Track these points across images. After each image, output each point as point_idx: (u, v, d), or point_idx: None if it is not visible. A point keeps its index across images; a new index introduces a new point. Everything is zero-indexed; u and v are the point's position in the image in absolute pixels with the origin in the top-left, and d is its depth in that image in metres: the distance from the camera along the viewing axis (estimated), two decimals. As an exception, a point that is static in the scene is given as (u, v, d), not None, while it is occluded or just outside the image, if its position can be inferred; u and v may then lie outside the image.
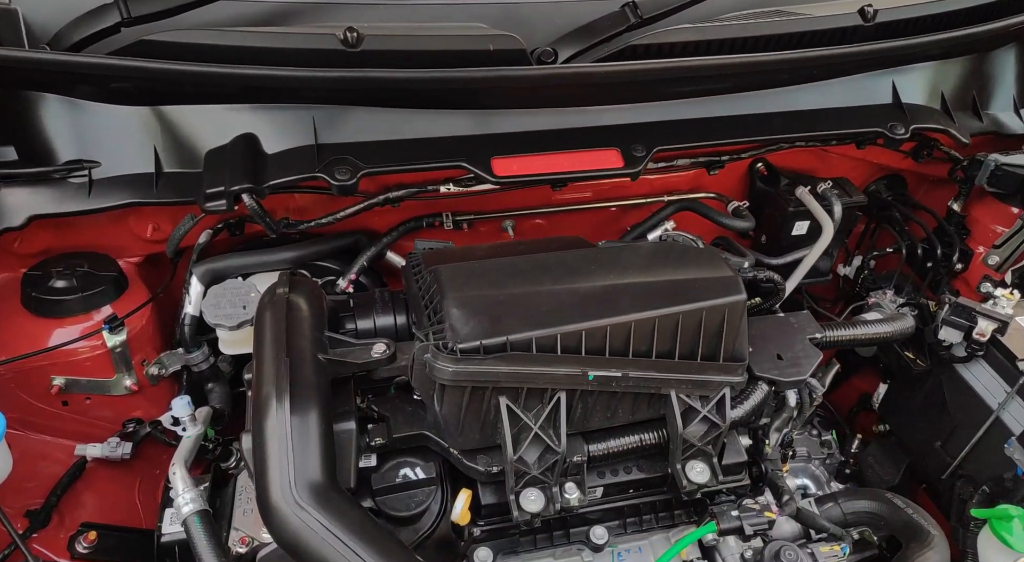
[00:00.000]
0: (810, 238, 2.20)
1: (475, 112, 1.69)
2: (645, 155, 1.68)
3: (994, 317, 1.69)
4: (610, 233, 2.25)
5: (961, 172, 2.14)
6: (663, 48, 1.65)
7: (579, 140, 1.71)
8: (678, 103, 1.79)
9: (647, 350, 1.31)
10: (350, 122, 1.62)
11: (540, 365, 1.23)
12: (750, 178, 2.28)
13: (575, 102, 1.75)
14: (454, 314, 1.24)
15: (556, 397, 1.27)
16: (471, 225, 2.05)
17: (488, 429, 1.29)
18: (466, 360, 1.20)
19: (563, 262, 1.39)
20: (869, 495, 1.58)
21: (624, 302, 1.30)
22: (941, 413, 1.87)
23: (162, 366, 1.73)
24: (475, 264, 1.38)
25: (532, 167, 1.64)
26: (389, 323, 1.49)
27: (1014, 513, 1.41)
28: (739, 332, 1.35)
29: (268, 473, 1.08)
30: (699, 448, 1.35)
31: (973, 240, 2.22)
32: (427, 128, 1.66)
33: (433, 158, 1.61)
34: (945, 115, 2.00)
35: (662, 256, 1.43)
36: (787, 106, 1.84)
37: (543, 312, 1.27)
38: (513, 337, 1.23)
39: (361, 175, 1.54)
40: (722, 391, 1.35)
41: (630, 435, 1.38)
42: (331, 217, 1.72)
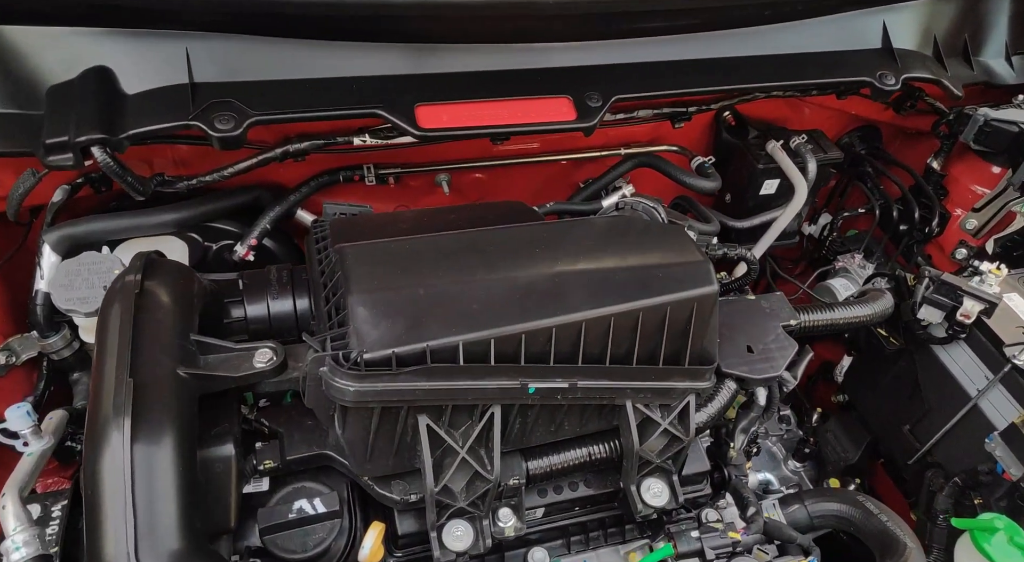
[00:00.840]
0: (779, 198, 1.99)
1: (396, 47, 1.38)
2: (601, 105, 1.41)
3: (982, 298, 1.52)
4: (561, 189, 1.99)
5: (946, 127, 1.94)
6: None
7: (523, 85, 1.42)
8: (641, 42, 1.50)
9: (600, 354, 1.07)
10: (236, 56, 1.29)
11: (469, 378, 0.99)
12: (715, 128, 2.03)
13: (519, 38, 1.45)
14: (360, 314, 0.97)
15: (489, 414, 1.04)
16: (398, 179, 1.76)
17: (404, 453, 1.05)
18: (373, 376, 0.94)
19: (500, 242, 1.13)
20: (839, 497, 1.42)
21: (573, 296, 1.06)
22: (912, 395, 1.73)
23: (11, 353, 1.42)
24: (392, 245, 1.11)
25: (465, 118, 1.35)
26: (287, 309, 1.22)
27: (999, 525, 1.27)
28: (708, 329, 1.13)
29: (101, 535, 0.82)
30: (657, 465, 1.15)
31: (950, 202, 2.04)
32: (336, 65, 1.34)
33: (342, 104, 1.30)
34: (937, 63, 1.77)
35: (619, 235, 1.18)
36: (765, 49, 1.58)
37: (473, 310, 1.01)
38: (435, 344, 0.97)
39: (249, 124, 1.23)
40: (686, 399, 1.14)
41: (577, 449, 1.17)
42: (217, 174, 1.40)
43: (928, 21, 1.77)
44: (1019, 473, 1.38)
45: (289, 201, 1.60)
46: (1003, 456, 1.42)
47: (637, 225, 1.22)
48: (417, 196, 1.86)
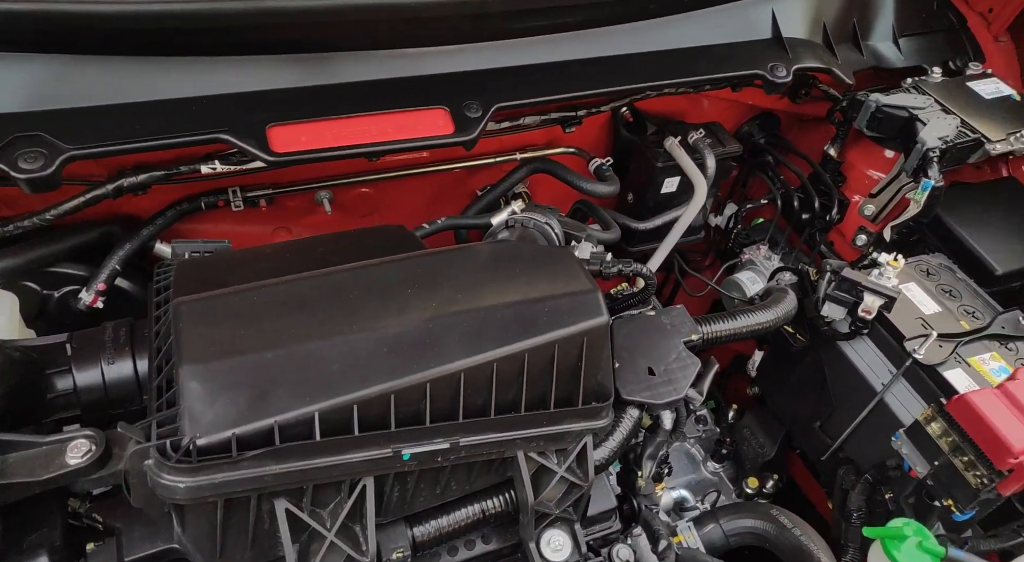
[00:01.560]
0: (681, 195, 1.94)
1: (244, 60, 1.21)
2: (481, 116, 1.29)
3: (882, 293, 1.49)
4: (458, 198, 1.87)
5: (840, 114, 1.92)
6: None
7: (394, 97, 1.28)
8: (521, 43, 1.39)
9: (483, 405, 0.96)
10: (45, 80, 1.11)
11: (329, 455, 0.86)
12: (614, 124, 1.95)
13: (387, 43, 1.31)
14: (192, 390, 0.83)
15: (360, 487, 0.91)
16: (271, 201, 1.60)
17: (264, 541, 0.92)
18: (210, 466, 0.80)
19: (366, 286, 1.00)
20: (753, 512, 1.38)
21: (450, 343, 0.94)
22: (821, 391, 1.70)
23: None
24: (235, 297, 0.96)
25: (327, 138, 1.21)
26: (126, 374, 1.05)
27: (908, 532, 1.25)
28: (601, 363, 1.04)
29: None
30: (558, 515, 1.06)
31: (849, 188, 2.04)
32: (170, 86, 1.17)
33: (180, 130, 1.14)
34: (827, 50, 1.74)
35: (502, 267, 1.07)
36: (654, 44, 1.50)
37: (332, 372, 0.88)
38: (285, 418, 0.84)
39: (64, 161, 1.05)
40: (583, 441, 1.05)
41: (468, 507, 1.06)
42: (36, 218, 1.21)
43: (817, 8, 1.73)
44: (925, 471, 1.36)
45: (141, 236, 1.42)
46: (909, 454, 1.40)
47: (522, 253, 1.12)
48: (296, 217, 1.70)
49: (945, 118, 1.76)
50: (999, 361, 1.50)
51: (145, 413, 0.89)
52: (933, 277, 1.70)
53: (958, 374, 1.48)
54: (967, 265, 1.75)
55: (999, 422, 1.25)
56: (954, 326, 1.57)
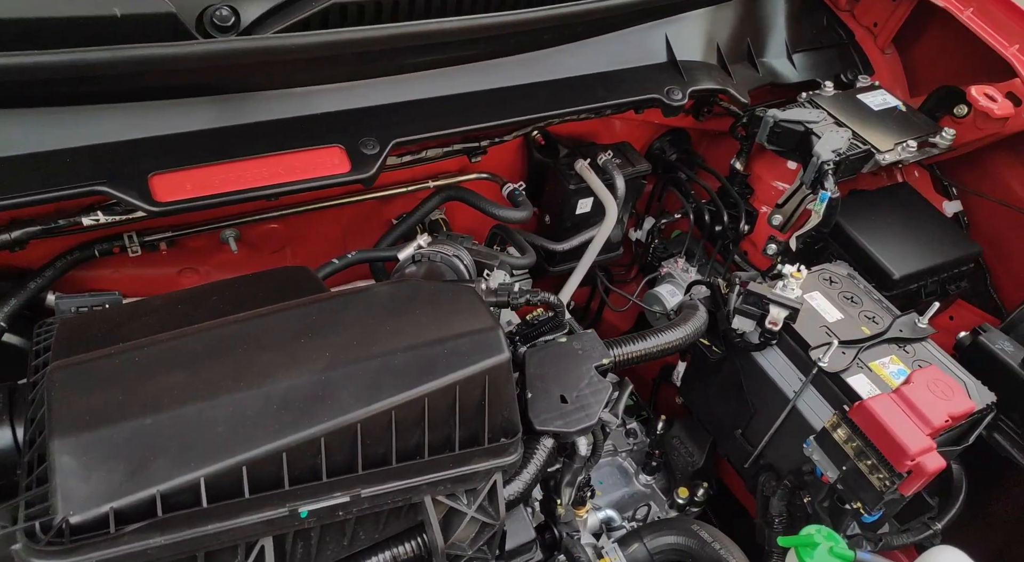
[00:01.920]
0: (596, 215, 1.96)
1: (121, 107, 1.17)
2: (379, 152, 1.28)
3: (785, 304, 1.54)
4: (373, 228, 1.85)
5: (742, 129, 1.98)
6: (382, 7, 1.22)
7: (286, 137, 1.26)
8: (417, 77, 1.39)
9: (384, 453, 0.95)
10: None
11: (219, 520, 0.83)
12: (527, 148, 1.96)
13: (276, 84, 1.28)
14: (65, 465, 0.79)
15: (259, 547, 0.88)
16: (172, 243, 1.54)
17: (156, 614, 0.88)
18: (88, 545, 0.76)
19: (256, 339, 0.97)
20: (675, 529, 1.40)
21: (345, 394, 0.92)
22: (739, 400, 1.75)
23: None
24: (113, 359, 0.92)
25: (216, 184, 1.17)
26: (6, 443, 0.99)
27: (818, 539, 1.28)
28: (506, 399, 1.04)
29: None
30: (471, 556, 1.04)
31: (757, 199, 2.10)
32: (43, 137, 1.12)
33: (53, 184, 1.09)
34: (723, 71, 1.79)
35: (400, 309, 1.06)
36: (551, 74, 1.52)
37: (217, 434, 0.85)
38: (167, 487, 0.80)
39: (-78, 225, 0.99)
40: (492, 479, 1.04)
41: (379, 554, 1.04)
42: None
43: (709, 30, 1.79)
44: (834, 475, 1.41)
45: (29, 289, 1.35)
46: (820, 460, 1.44)
47: (422, 292, 1.10)
48: (202, 257, 1.65)
49: (838, 131, 1.83)
50: (898, 364, 1.57)
51: (13, 490, 0.84)
52: (835, 285, 1.77)
53: (861, 379, 1.53)
54: (867, 271, 1.83)
55: (895, 426, 1.30)
56: (856, 332, 1.63)
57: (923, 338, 1.63)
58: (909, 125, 1.93)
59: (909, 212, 1.96)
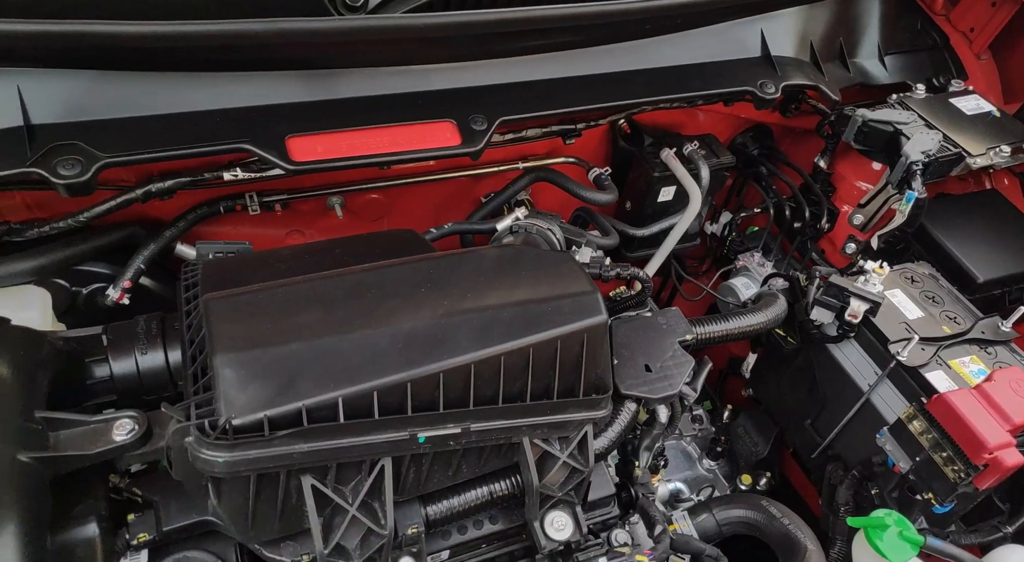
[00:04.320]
0: (677, 203, 2.02)
1: (263, 75, 1.30)
2: (487, 128, 1.38)
3: (867, 298, 1.57)
4: (463, 205, 1.95)
5: (829, 128, 2.00)
6: (501, -8, 1.32)
7: (404, 110, 1.37)
8: (524, 61, 1.47)
9: (492, 394, 1.04)
10: (80, 93, 1.18)
11: (352, 435, 0.94)
12: (612, 136, 2.03)
13: (397, 61, 1.39)
14: (227, 377, 0.91)
15: (379, 467, 0.99)
16: (286, 206, 1.67)
17: (291, 515, 0.99)
18: (245, 443, 0.88)
19: (382, 285, 1.08)
20: (744, 503, 1.46)
21: (461, 338, 1.02)
22: (811, 391, 1.78)
23: None
24: (261, 294, 1.04)
25: (341, 148, 1.29)
26: (158, 364, 1.13)
27: (889, 521, 1.32)
28: (601, 357, 1.12)
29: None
30: (560, 498, 1.13)
31: (839, 198, 2.12)
32: (197, 99, 1.25)
33: (205, 140, 1.22)
34: (815, 68, 1.83)
35: (507, 270, 1.15)
36: (649, 62, 1.58)
37: (353, 363, 0.96)
38: (311, 402, 0.92)
39: (98, 168, 1.13)
40: (584, 429, 1.12)
41: (478, 489, 1.14)
42: (71, 219, 1.29)
43: (803, 27, 1.83)
44: (907, 466, 1.43)
45: (164, 237, 1.49)
46: (892, 450, 1.47)
47: (526, 257, 1.20)
48: (309, 221, 1.78)
49: (928, 133, 1.84)
50: (978, 364, 1.58)
51: (175, 400, 0.97)
52: (917, 284, 1.78)
53: (939, 375, 1.55)
54: (950, 273, 1.83)
55: (975, 420, 1.32)
56: (936, 330, 1.65)
57: (1006, 341, 1.64)
58: (1002, 131, 1.92)
59: (997, 218, 1.95)
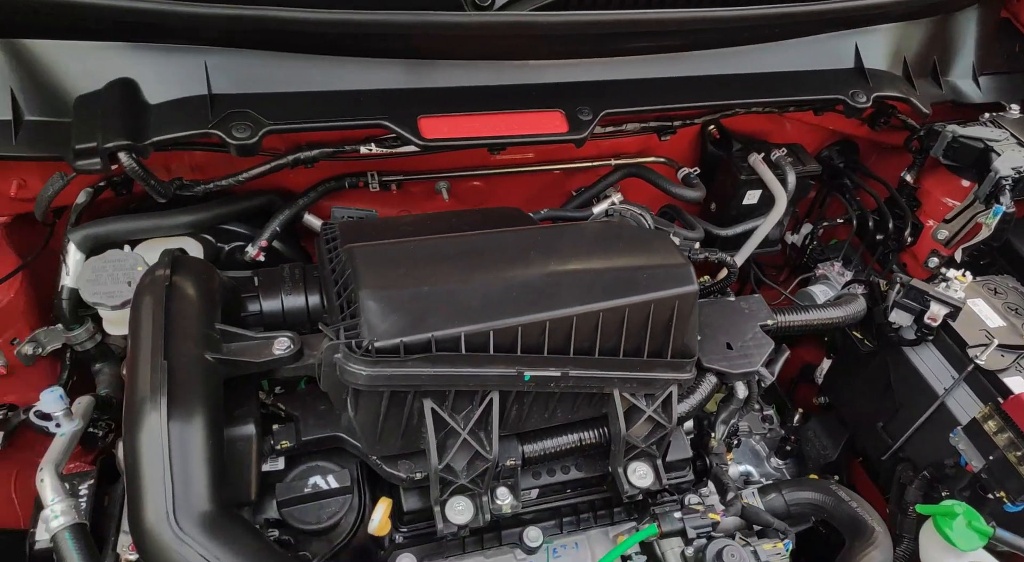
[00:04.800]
0: (761, 207, 2.10)
1: (400, 62, 1.48)
2: (592, 119, 1.51)
3: (947, 302, 1.62)
4: (555, 197, 2.09)
5: (917, 142, 2.05)
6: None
7: (519, 99, 1.52)
8: (628, 60, 1.61)
9: (590, 346, 1.17)
10: (251, 69, 1.38)
11: (470, 366, 1.08)
12: (701, 141, 2.14)
13: (515, 55, 1.55)
14: (370, 307, 1.07)
15: (488, 399, 1.13)
16: (400, 186, 1.86)
17: (411, 434, 1.14)
18: (384, 362, 1.04)
19: (498, 245, 1.22)
20: (814, 486, 1.52)
21: (565, 293, 1.15)
22: (885, 394, 1.83)
23: (38, 345, 1.50)
24: (397, 246, 1.20)
25: (465, 129, 1.45)
26: (299, 304, 1.31)
27: (958, 510, 1.37)
28: (689, 325, 1.23)
29: (142, 498, 0.91)
30: (643, 450, 1.24)
31: (923, 213, 2.15)
32: (344, 79, 1.44)
33: (351, 115, 1.40)
34: (907, 82, 1.89)
35: (608, 239, 1.28)
36: (745, 68, 1.69)
37: (473, 305, 1.11)
38: (438, 334, 1.07)
39: (264, 133, 1.32)
40: (669, 389, 1.23)
41: (569, 434, 1.26)
42: (233, 179, 1.49)
43: (898, 43, 1.89)
44: (980, 465, 1.47)
45: (298, 205, 1.70)
46: (966, 449, 1.51)
47: (625, 231, 1.33)
48: (418, 202, 1.96)
49: (1020, 151, 1.87)
50: (1059, 374, 1.60)
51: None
52: (1000, 295, 1.81)
53: (1018, 381, 1.58)
54: (1035, 287, 1.85)
55: (1051, 419, 1.36)
56: (1017, 340, 1.67)
57: (1089, 354, 1.65)
58: (1097, 155, 1.92)
59: (1086, 237, 1.95)
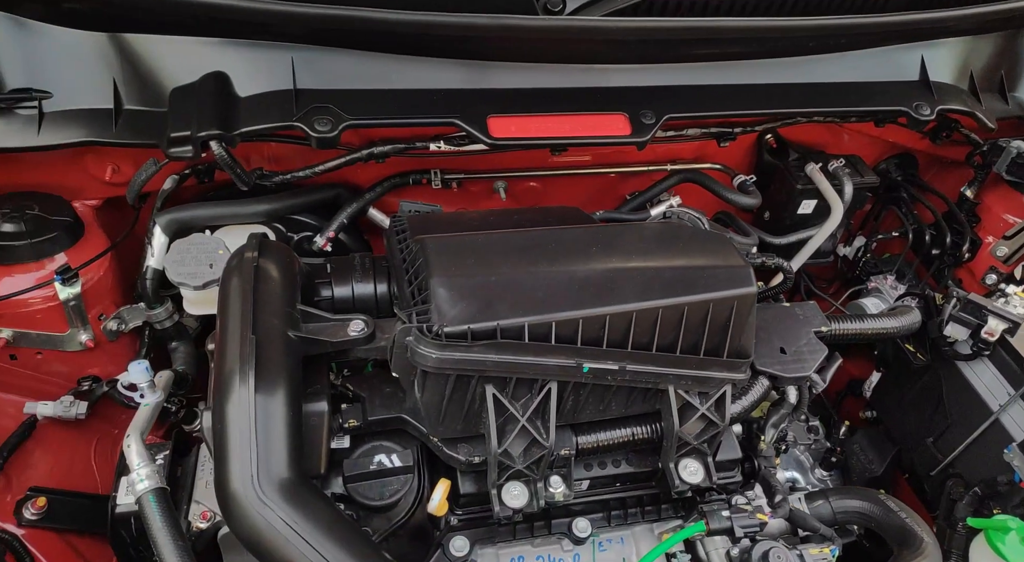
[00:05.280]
0: (816, 217, 2.10)
1: (472, 63, 1.53)
2: (655, 123, 1.55)
3: (1007, 317, 1.61)
4: (609, 200, 2.13)
5: (980, 157, 2.03)
6: (681, 5, 1.50)
7: (584, 102, 1.57)
8: (692, 67, 1.64)
9: (647, 342, 1.20)
10: (334, 66, 1.46)
11: (532, 355, 1.13)
12: (758, 150, 2.15)
13: (581, 59, 1.60)
14: (441, 294, 1.12)
15: (547, 388, 1.18)
16: (460, 184, 1.92)
17: (472, 418, 1.20)
18: (452, 346, 1.09)
19: (561, 241, 1.27)
20: (861, 495, 1.53)
21: (625, 289, 1.19)
22: (936, 409, 1.82)
23: (121, 321, 1.60)
24: (465, 238, 1.26)
25: (531, 129, 1.50)
26: (369, 292, 1.37)
27: (1012, 525, 1.36)
28: (746, 326, 1.26)
29: (229, 463, 0.98)
30: (694, 447, 1.27)
31: (982, 229, 2.13)
32: (418, 78, 1.50)
33: (424, 113, 1.46)
34: (972, 96, 1.87)
35: (668, 239, 1.32)
36: (807, 77, 1.70)
37: (537, 297, 1.15)
38: (504, 323, 1.12)
39: (344, 127, 1.39)
40: (723, 388, 1.26)
41: (622, 428, 1.30)
42: (309, 170, 1.57)
43: (965, 57, 1.88)
44: (1034, 481, 1.47)
45: (365, 199, 1.77)
46: (1020, 466, 1.50)
47: (684, 231, 1.36)
48: (477, 200, 2.01)
49: (1087, 168, 1.85)
50: (1119, 394, 1.58)
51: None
52: (1061, 314, 1.78)
53: (1076, 399, 1.57)
54: (1098, 308, 1.81)
55: (1110, 436, 1.35)
56: (1077, 359, 1.65)
57: None
58: None
59: None
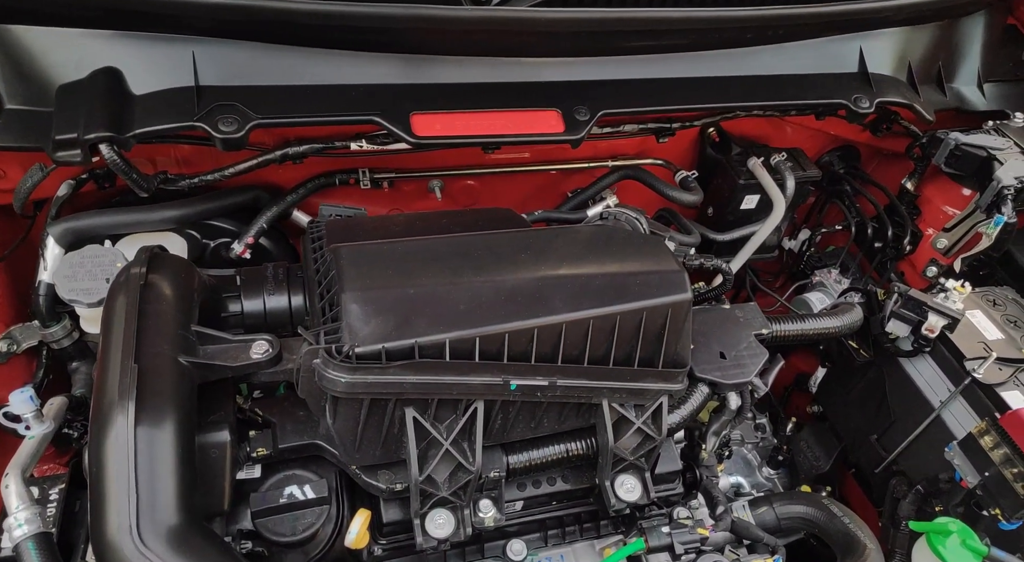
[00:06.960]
0: (759, 212, 2.07)
1: (393, 57, 1.44)
2: (588, 119, 1.47)
3: (946, 313, 1.59)
4: (550, 198, 2.06)
5: (919, 149, 2.02)
6: (613, -7, 1.43)
7: (514, 98, 1.48)
8: (627, 60, 1.57)
9: (579, 355, 1.13)
10: (240, 61, 1.34)
11: (454, 374, 1.05)
12: (700, 144, 2.10)
13: (511, 52, 1.51)
14: (353, 311, 1.03)
15: (472, 408, 1.09)
16: (392, 184, 1.82)
17: (391, 443, 1.11)
18: (364, 368, 1.00)
19: (488, 248, 1.19)
20: (805, 500, 1.49)
21: (555, 299, 1.12)
22: (880, 406, 1.80)
23: (13, 342, 1.47)
24: (383, 247, 1.17)
25: (458, 127, 1.41)
26: (282, 305, 1.27)
27: (952, 528, 1.34)
28: (682, 334, 1.20)
29: (105, 510, 0.87)
30: (631, 462, 1.21)
31: (923, 221, 2.12)
32: (335, 73, 1.40)
33: (341, 110, 1.36)
34: (911, 88, 1.85)
35: (601, 244, 1.25)
36: (747, 70, 1.65)
37: (460, 310, 1.07)
38: (422, 340, 1.03)
39: (251, 127, 1.28)
40: (659, 400, 1.20)
41: (556, 445, 1.23)
42: (219, 173, 1.45)
43: (903, 48, 1.86)
44: (975, 480, 1.44)
45: (286, 202, 1.66)
46: (961, 464, 1.48)
47: (618, 235, 1.29)
48: (410, 200, 1.92)
49: (1023, 160, 1.84)
50: (1059, 389, 1.57)
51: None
52: (999, 307, 1.78)
53: (1016, 396, 1.56)
54: (1034, 300, 1.82)
55: (1049, 436, 1.33)
56: (1015, 353, 1.65)
57: (1089, 370, 1.62)
58: (1102, 167, 1.89)
59: (1088, 250, 1.92)
